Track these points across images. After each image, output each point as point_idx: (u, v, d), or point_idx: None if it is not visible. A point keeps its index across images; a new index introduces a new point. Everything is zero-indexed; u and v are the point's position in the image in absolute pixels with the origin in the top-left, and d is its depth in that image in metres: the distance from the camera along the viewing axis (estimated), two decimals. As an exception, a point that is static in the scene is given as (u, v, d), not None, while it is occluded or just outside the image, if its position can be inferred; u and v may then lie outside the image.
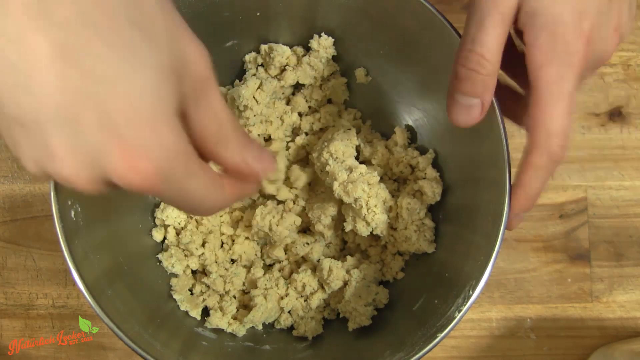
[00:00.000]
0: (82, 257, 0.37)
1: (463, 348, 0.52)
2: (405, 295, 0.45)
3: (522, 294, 0.52)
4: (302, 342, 0.46)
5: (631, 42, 0.56)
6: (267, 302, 0.45)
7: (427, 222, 0.45)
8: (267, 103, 0.46)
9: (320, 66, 0.48)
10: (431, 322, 0.38)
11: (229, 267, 0.47)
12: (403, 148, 0.47)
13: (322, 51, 0.47)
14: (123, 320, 0.37)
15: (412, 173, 0.47)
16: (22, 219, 0.53)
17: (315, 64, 0.47)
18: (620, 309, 0.53)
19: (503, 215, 0.34)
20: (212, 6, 0.43)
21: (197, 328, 0.45)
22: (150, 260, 0.46)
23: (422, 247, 0.44)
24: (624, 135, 0.55)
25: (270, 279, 0.46)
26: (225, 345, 0.45)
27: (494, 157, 0.38)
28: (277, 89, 0.48)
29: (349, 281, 0.45)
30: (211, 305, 0.46)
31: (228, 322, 0.45)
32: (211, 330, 0.45)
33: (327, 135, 0.48)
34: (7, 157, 0.53)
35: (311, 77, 0.48)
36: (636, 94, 0.55)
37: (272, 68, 0.47)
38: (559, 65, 0.31)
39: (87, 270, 0.37)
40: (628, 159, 0.54)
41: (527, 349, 0.52)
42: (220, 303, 0.46)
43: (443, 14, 0.39)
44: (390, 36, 0.44)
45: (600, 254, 0.53)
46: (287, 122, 0.48)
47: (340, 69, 0.49)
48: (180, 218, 0.46)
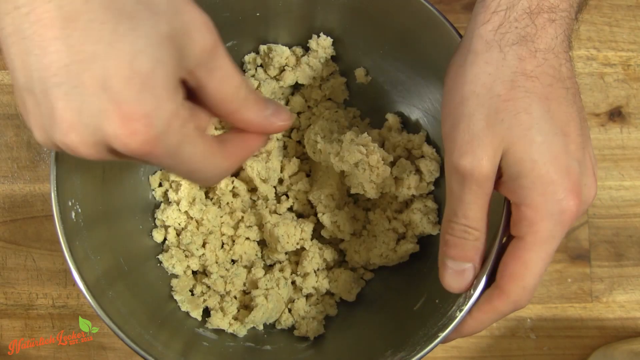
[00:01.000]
0: (83, 258, 0.37)
1: (463, 348, 0.52)
2: (406, 295, 0.45)
3: (522, 294, 0.52)
4: (304, 342, 0.46)
5: (631, 42, 0.56)
6: (268, 303, 0.45)
7: (430, 204, 0.45)
8: None
9: (319, 66, 0.48)
10: (432, 321, 0.38)
11: (230, 267, 0.47)
12: (397, 132, 0.48)
13: (321, 51, 0.47)
14: (124, 322, 0.37)
15: (409, 157, 0.47)
16: (22, 219, 0.53)
17: (314, 64, 0.47)
18: (620, 309, 0.53)
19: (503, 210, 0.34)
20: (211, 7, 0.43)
21: (198, 329, 0.45)
22: (150, 261, 0.46)
23: (427, 230, 0.44)
24: (624, 135, 0.55)
25: (271, 279, 0.46)
26: (226, 346, 0.45)
27: None
28: (276, 89, 0.48)
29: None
30: (212, 305, 0.46)
31: (229, 323, 0.45)
32: (212, 330, 0.45)
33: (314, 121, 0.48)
34: (7, 157, 0.53)
35: (310, 77, 0.48)
36: (636, 94, 0.55)
37: (271, 69, 0.48)
38: (553, 224, 0.31)
39: (88, 271, 0.37)
40: (628, 159, 0.54)
41: (527, 349, 0.52)
42: (221, 304, 0.46)
43: (442, 13, 0.39)
44: (390, 36, 0.44)
45: (600, 254, 0.53)
46: None
47: (339, 69, 0.49)
48: (181, 219, 0.46)
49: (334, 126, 0.46)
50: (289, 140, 0.49)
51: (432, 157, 0.45)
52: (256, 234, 0.47)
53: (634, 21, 0.56)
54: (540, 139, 0.30)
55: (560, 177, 0.30)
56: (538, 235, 0.31)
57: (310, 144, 0.46)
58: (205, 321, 0.45)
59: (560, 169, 0.30)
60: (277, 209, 0.47)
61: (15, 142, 0.53)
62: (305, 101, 0.49)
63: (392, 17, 0.42)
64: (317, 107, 0.49)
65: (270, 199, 0.48)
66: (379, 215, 0.46)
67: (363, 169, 0.43)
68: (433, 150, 0.45)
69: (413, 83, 0.46)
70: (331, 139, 0.45)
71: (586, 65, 0.55)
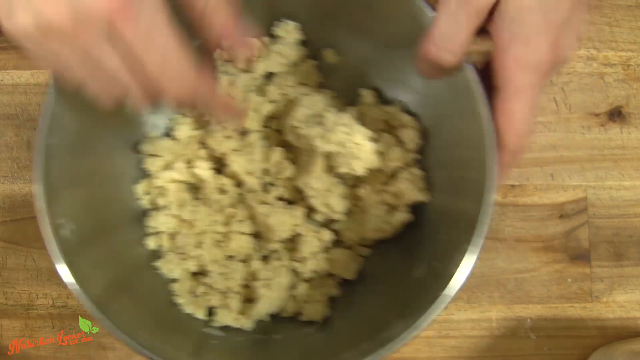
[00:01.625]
0: (84, 276, 0.37)
1: (463, 348, 0.52)
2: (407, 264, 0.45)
3: (522, 294, 0.52)
4: (312, 326, 0.46)
5: (631, 42, 0.56)
6: (271, 292, 0.45)
7: (416, 172, 0.45)
8: (241, 99, 0.47)
9: (288, 52, 0.48)
10: (436, 285, 0.38)
11: (227, 264, 0.47)
12: (375, 106, 0.48)
13: (288, 37, 0.47)
14: (133, 332, 0.37)
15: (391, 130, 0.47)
16: (22, 219, 0.53)
17: (283, 50, 0.47)
18: (620, 309, 0.53)
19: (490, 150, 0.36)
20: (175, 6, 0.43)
21: (204, 329, 0.45)
22: (148, 269, 0.46)
23: (417, 197, 0.44)
24: (624, 135, 0.55)
25: (271, 269, 0.46)
26: (236, 341, 0.45)
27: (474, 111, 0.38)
28: (249, 81, 0.48)
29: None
30: (215, 304, 0.46)
31: (235, 318, 0.45)
32: (219, 328, 0.45)
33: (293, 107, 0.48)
34: (7, 157, 0.53)
35: (281, 65, 0.48)
36: (636, 94, 0.55)
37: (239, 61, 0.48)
38: (531, 73, 0.34)
39: (91, 288, 0.37)
40: (628, 159, 0.54)
41: (527, 349, 0.52)
42: (224, 301, 0.46)
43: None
44: (353, 11, 0.44)
45: (600, 254, 0.53)
46: (262, 112, 0.48)
47: (311, 53, 0.49)
48: (172, 223, 0.46)
49: (313, 110, 0.46)
50: (269, 130, 0.49)
51: (412, 125, 0.45)
52: (249, 227, 0.47)
53: (634, 21, 0.56)
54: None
55: (545, 30, 0.33)
56: (518, 84, 0.34)
57: (291, 130, 0.46)
58: (211, 320, 0.45)
59: (548, 23, 0.33)
60: (266, 199, 0.47)
61: (15, 142, 0.53)
62: (280, 89, 0.49)
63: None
64: (293, 93, 0.49)
65: (258, 190, 0.48)
66: (367, 190, 0.46)
67: (349, 147, 0.43)
68: (411, 119, 0.46)
69: (381, 55, 0.46)
70: (312, 123, 0.45)
71: (586, 65, 0.55)
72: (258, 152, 0.47)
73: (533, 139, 0.54)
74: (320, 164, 0.46)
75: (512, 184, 0.54)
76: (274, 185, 0.48)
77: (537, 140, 0.54)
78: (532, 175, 0.54)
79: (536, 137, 0.54)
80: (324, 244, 0.47)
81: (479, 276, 0.53)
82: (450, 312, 0.52)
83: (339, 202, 0.46)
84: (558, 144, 0.54)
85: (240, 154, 0.47)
